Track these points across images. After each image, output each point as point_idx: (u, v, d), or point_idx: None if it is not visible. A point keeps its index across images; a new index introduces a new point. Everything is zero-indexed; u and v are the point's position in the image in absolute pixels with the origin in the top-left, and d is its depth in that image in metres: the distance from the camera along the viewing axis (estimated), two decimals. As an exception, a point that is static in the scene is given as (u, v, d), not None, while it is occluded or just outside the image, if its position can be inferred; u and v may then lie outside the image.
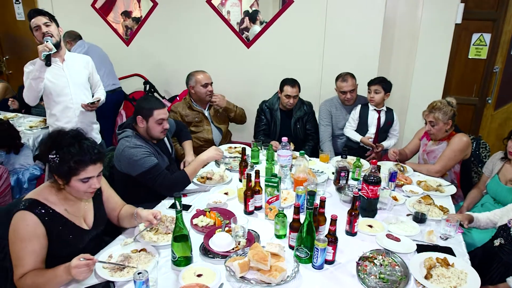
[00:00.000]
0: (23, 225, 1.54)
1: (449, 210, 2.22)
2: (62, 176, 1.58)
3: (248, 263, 1.60)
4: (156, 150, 2.46)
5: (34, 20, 2.65)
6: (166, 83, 4.87)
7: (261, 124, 3.51)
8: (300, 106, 3.48)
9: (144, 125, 2.40)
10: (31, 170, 3.23)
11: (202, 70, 3.39)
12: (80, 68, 2.89)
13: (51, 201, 1.64)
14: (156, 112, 2.38)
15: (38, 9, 2.72)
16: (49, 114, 2.89)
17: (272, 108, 3.48)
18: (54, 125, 2.88)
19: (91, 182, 1.63)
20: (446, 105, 2.70)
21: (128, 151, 2.28)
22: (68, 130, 1.63)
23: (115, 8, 4.85)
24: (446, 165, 2.71)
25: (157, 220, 1.82)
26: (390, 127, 3.40)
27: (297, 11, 4.03)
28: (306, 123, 3.53)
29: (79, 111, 2.88)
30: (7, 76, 5.82)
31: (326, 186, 2.44)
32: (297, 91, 3.34)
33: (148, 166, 2.26)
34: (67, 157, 1.54)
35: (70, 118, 2.87)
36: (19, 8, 5.52)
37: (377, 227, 2.01)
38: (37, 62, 2.61)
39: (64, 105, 2.83)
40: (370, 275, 1.63)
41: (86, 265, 1.46)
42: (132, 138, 2.36)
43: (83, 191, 1.63)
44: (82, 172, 1.58)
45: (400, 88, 3.92)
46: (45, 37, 2.60)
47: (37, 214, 1.57)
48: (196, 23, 4.50)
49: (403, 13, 3.79)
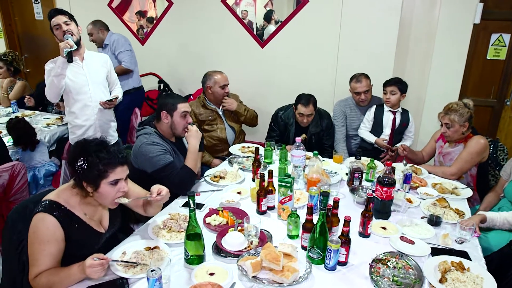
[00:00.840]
0: (44, 227, 1.56)
1: (465, 214, 2.18)
2: (91, 181, 1.59)
3: (261, 262, 1.60)
4: (173, 148, 2.48)
5: (54, 19, 2.70)
6: (180, 82, 4.91)
7: (273, 134, 3.43)
8: (317, 122, 3.32)
9: (169, 120, 2.44)
10: (46, 167, 3.29)
11: (220, 71, 3.36)
12: (98, 67, 2.94)
13: (71, 204, 1.66)
14: (180, 106, 2.44)
15: (58, 8, 2.77)
16: (68, 112, 2.95)
17: (288, 122, 3.36)
18: (73, 123, 2.94)
19: (120, 186, 1.65)
20: (463, 107, 2.66)
21: (145, 147, 2.32)
22: (93, 138, 1.66)
23: (130, 7, 4.91)
24: (463, 167, 2.67)
25: (159, 196, 1.79)
26: (405, 128, 3.36)
27: (312, 10, 4.01)
28: (323, 138, 3.38)
29: (97, 109, 2.93)
30: (25, 74, 5.94)
31: (339, 187, 2.42)
32: (311, 110, 3.16)
33: (163, 163, 2.29)
34: (96, 161, 1.57)
35: (89, 116, 2.92)
36: (37, 8, 5.63)
37: (390, 229, 1.99)
38: (58, 59, 2.65)
39: (83, 103, 2.88)
40: (384, 277, 1.62)
41: (100, 264, 1.49)
42: (151, 135, 2.39)
43: (112, 196, 1.65)
44: (111, 174, 1.60)
45: (416, 89, 3.87)
46: (66, 35, 2.65)
47: (57, 216, 1.59)
48: (210, 22, 4.53)
49: (419, 13, 3.74)
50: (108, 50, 4.13)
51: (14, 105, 4.24)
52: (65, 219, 1.61)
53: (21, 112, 4.18)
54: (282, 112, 3.41)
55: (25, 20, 5.87)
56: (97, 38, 4.14)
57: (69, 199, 1.66)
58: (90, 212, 1.73)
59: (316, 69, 4.13)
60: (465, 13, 3.61)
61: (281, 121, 3.38)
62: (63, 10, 2.75)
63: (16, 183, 2.60)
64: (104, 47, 4.16)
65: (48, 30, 2.79)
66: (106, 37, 4.15)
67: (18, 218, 1.77)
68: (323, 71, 4.09)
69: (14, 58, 4.42)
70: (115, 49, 4.12)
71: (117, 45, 4.11)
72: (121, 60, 4.11)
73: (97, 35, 4.12)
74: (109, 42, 4.13)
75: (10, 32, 5.96)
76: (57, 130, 3.73)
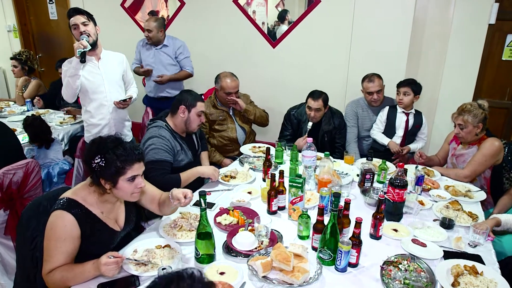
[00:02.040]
0: (61, 225, 1.58)
1: (478, 217, 2.15)
2: (109, 178, 1.61)
3: (271, 263, 1.60)
4: (181, 144, 2.50)
5: (73, 19, 2.72)
6: (191, 81, 4.92)
7: (286, 133, 3.43)
8: (329, 119, 3.32)
9: (185, 115, 2.47)
10: (60, 165, 3.33)
11: (231, 76, 3.29)
12: (114, 66, 2.97)
13: (89, 203, 1.68)
14: (199, 104, 2.49)
15: (77, 8, 2.77)
16: (85, 111, 2.98)
17: (300, 120, 3.36)
18: (88, 121, 2.98)
19: (137, 182, 1.66)
20: (477, 107, 2.62)
21: (151, 139, 2.36)
22: (108, 136, 1.68)
23: (143, 7, 4.95)
24: (476, 170, 2.63)
25: (187, 199, 1.78)
26: (418, 130, 3.32)
27: (324, 10, 4.00)
28: (335, 136, 3.38)
29: (112, 108, 2.95)
30: (39, 73, 6.03)
31: (350, 188, 2.41)
32: (319, 105, 3.14)
33: (156, 158, 2.31)
34: (113, 158, 1.58)
35: (104, 115, 2.95)
36: (52, 8, 5.70)
37: (402, 231, 1.97)
38: (73, 60, 2.68)
39: (99, 102, 2.91)
40: (395, 280, 1.60)
41: (115, 262, 1.50)
42: (161, 128, 2.42)
43: (130, 192, 1.66)
44: (128, 171, 1.61)
45: (429, 90, 3.83)
46: (82, 35, 2.68)
47: (75, 214, 1.61)
48: (222, 22, 4.54)
49: (433, 13, 3.70)
50: (167, 50, 4.06)
51: (28, 103, 4.30)
52: (83, 217, 1.63)
53: (35, 111, 4.24)
54: (295, 110, 3.42)
55: (40, 20, 5.95)
56: (155, 36, 4.00)
57: (86, 197, 1.68)
58: (106, 211, 1.75)
59: (327, 69, 4.11)
60: (480, 14, 3.56)
61: (294, 118, 3.39)
62: (82, 10, 2.76)
63: (30, 180, 2.64)
64: (161, 47, 4.06)
65: (62, 30, 2.84)
66: (164, 38, 4.07)
67: (32, 215, 1.80)
68: (335, 71, 4.07)
69: (29, 57, 4.49)
70: (180, 54, 4.08)
71: (183, 50, 4.10)
72: (185, 65, 4.15)
73: (157, 34, 3.99)
74: (172, 45, 4.06)
75: (25, 32, 6.05)
76: (70, 128, 3.78)
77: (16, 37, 6.04)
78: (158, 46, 4.07)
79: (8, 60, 4.61)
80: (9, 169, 2.46)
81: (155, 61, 4.09)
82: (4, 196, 2.48)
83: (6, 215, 2.56)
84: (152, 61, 4.10)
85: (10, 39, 6.09)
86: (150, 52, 4.11)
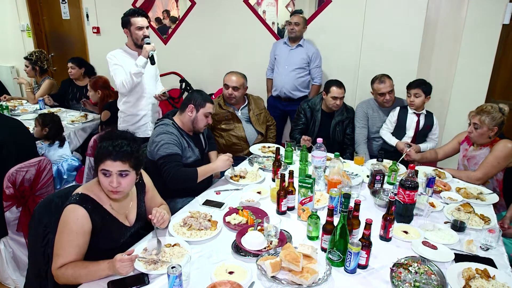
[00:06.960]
0: (74, 218, 1.60)
1: (491, 220, 2.12)
2: (94, 163, 1.69)
3: (280, 263, 1.60)
4: (188, 142, 2.52)
5: (140, 19, 2.95)
6: (201, 81, 4.95)
7: (299, 123, 3.47)
8: (342, 110, 3.40)
9: (193, 114, 2.49)
10: (69, 161, 3.37)
11: (236, 72, 3.34)
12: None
13: (101, 198, 1.72)
14: (208, 105, 2.51)
15: (143, 10, 3.01)
16: (124, 102, 3.17)
17: (314, 108, 3.42)
18: (127, 111, 3.20)
19: (110, 179, 1.64)
20: (497, 110, 2.57)
21: (158, 136, 2.38)
22: (118, 130, 1.72)
23: (154, 7, 4.98)
24: (488, 172, 2.59)
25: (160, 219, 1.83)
26: (429, 131, 3.29)
27: (335, 11, 3.99)
28: (346, 127, 3.45)
29: (150, 100, 3.21)
30: (51, 73, 6.11)
31: (360, 189, 2.39)
32: (343, 92, 3.26)
33: (167, 152, 2.32)
34: (99, 147, 1.66)
35: (143, 106, 3.20)
36: (65, 8, 5.77)
37: (412, 233, 1.96)
38: (140, 59, 2.90)
39: (139, 94, 3.15)
40: (405, 282, 1.59)
41: (130, 259, 1.52)
42: (168, 125, 2.44)
43: (105, 186, 1.67)
44: (101, 164, 1.65)
45: (440, 91, 3.79)
46: (146, 39, 2.96)
47: (87, 209, 1.64)
48: (233, 22, 4.55)
49: (446, 13, 3.67)
50: (301, 50, 3.95)
51: (41, 102, 4.35)
52: (94, 212, 1.66)
53: (47, 109, 4.29)
54: (308, 101, 3.50)
55: (52, 19, 6.02)
56: (301, 31, 3.90)
57: (98, 193, 1.72)
58: (116, 206, 1.78)
59: (338, 69, 4.09)
60: (494, 14, 3.51)
61: (307, 107, 3.44)
62: (146, 13, 2.99)
63: (42, 177, 2.68)
64: (296, 47, 3.96)
65: (74, 30, 2.91)
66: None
67: (44, 212, 1.82)
68: (345, 71, 4.05)
69: (39, 57, 4.54)
70: (314, 61, 3.95)
71: (316, 57, 3.96)
72: (315, 75, 3.99)
73: (302, 29, 3.90)
74: (307, 48, 3.94)
75: (38, 31, 6.14)
76: (82, 127, 3.81)
77: (30, 36, 6.12)
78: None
79: (22, 59, 4.69)
80: (22, 167, 2.50)
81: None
82: (16, 193, 2.51)
83: (19, 212, 2.59)
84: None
85: (24, 39, 6.18)
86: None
